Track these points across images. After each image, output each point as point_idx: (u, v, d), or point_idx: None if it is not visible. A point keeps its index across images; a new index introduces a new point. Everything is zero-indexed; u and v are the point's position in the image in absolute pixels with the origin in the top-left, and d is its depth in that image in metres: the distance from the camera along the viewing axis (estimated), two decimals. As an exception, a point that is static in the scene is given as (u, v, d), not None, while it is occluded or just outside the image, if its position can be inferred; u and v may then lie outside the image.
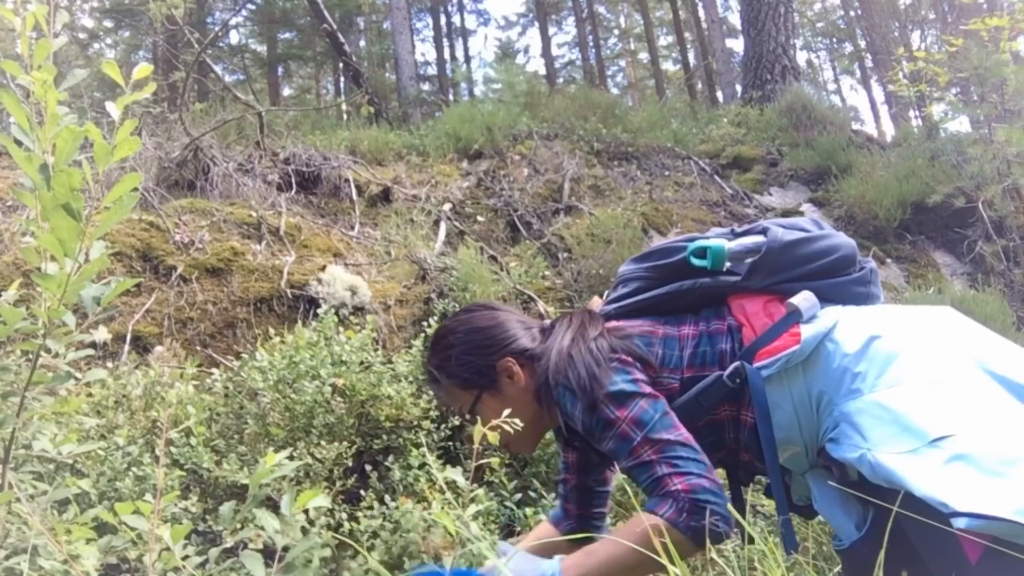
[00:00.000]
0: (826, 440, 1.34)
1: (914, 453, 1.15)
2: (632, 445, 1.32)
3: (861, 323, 1.38)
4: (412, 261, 4.17)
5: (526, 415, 1.49)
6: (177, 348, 3.20)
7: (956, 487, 1.07)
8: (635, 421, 1.33)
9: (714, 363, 1.44)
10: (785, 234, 1.49)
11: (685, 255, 1.52)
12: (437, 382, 1.61)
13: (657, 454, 1.30)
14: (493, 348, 1.55)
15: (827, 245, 1.51)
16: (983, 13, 6.64)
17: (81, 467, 2.13)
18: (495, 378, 1.54)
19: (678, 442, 1.31)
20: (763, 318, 1.44)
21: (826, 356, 1.36)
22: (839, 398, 1.32)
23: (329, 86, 17.86)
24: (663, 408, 1.36)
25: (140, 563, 1.80)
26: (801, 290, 1.45)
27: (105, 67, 1.16)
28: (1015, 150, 5.26)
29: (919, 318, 1.40)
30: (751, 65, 9.05)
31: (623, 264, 1.68)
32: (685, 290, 1.52)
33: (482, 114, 6.68)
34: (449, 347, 1.58)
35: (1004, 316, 4.19)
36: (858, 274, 1.54)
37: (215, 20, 13.71)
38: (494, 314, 1.61)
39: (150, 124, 5.39)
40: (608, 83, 21.08)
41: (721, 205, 6.29)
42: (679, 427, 1.34)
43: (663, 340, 1.48)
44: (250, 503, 1.21)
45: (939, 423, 1.16)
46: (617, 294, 1.63)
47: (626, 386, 1.37)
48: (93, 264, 1.18)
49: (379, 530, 2.26)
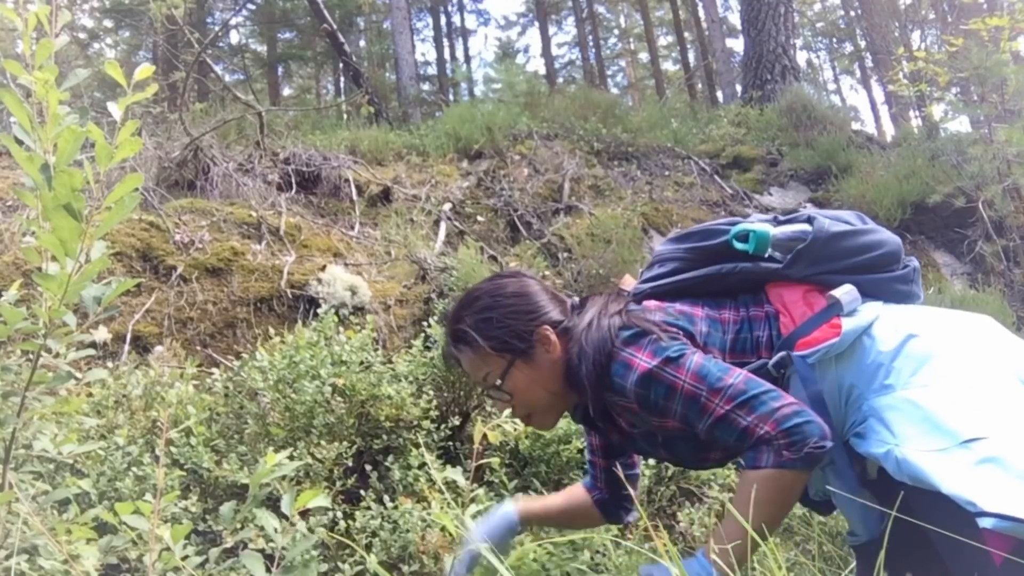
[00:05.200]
0: (851, 434, 1.34)
1: (944, 452, 1.14)
2: (701, 402, 1.30)
3: (900, 321, 1.37)
4: (412, 261, 4.17)
5: (554, 388, 1.49)
6: (177, 348, 3.20)
7: (985, 488, 1.07)
8: (696, 376, 1.31)
9: (753, 350, 1.42)
10: (832, 225, 1.47)
11: (727, 238, 1.49)
12: (468, 344, 1.51)
13: (729, 403, 1.28)
14: (533, 315, 1.51)
15: (873, 240, 1.50)
16: (983, 13, 6.65)
17: (81, 467, 2.13)
18: (532, 345, 1.49)
19: (742, 383, 1.29)
20: (803, 307, 1.42)
21: (861, 350, 1.35)
22: (870, 393, 1.31)
23: (329, 86, 17.85)
24: (714, 359, 1.35)
25: (140, 563, 1.80)
26: (842, 283, 1.43)
27: (107, 67, 1.16)
28: (1015, 150, 5.26)
29: (958, 322, 1.39)
30: (751, 65, 9.05)
31: (661, 244, 1.65)
32: (725, 273, 1.49)
33: (482, 114, 6.68)
34: (488, 308, 1.51)
35: (1004, 316, 4.19)
36: (901, 272, 1.53)
37: (215, 20, 13.71)
38: (527, 282, 1.57)
39: (150, 124, 5.39)
40: (608, 83, 21.08)
41: (721, 205, 6.29)
42: (734, 369, 1.32)
43: (705, 321, 1.45)
44: (250, 503, 1.21)
45: (971, 425, 1.16)
46: (653, 273, 1.59)
47: (677, 347, 1.35)
48: (94, 264, 1.18)
49: (378, 530, 2.26)
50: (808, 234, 1.45)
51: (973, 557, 1.12)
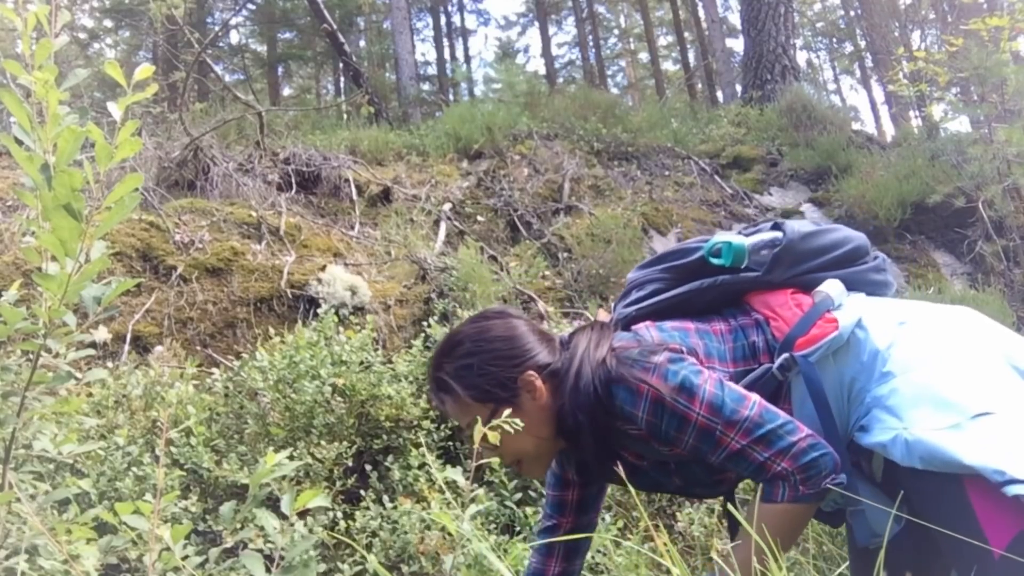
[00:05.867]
0: (855, 430, 1.33)
1: (956, 428, 1.14)
2: (716, 436, 1.27)
3: (888, 310, 1.39)
4: (412, 261, 4.17)
5: (543, 434, 1.43)
6: (177, 348, 3.20)
7: (1010, 456, 1.07)
8: (710, 408, 1.27)
9: (753, 356, 1.42)
10: (801, 226, 1.49)
11: (702, 254, 1.50)
12: (449, 393, 1.45)
13: (746, 437, 1.25)
14: (517, 360, 1.43)
15: (840, 236, 1.52)
16: (983, 13, 6.64)
17: (81, 467, 2.13)
18: (516, 392, 1.41)
19: (758, 415, 1.26)
20: (792, 309, 1.42)
21: (856, 343, 1.35)
22: (871, 384, 1.31)
23: (329, 86, 17.85)
24: (726, 384, 1.31)
25: (140, 563, 1.81)
26: (823, 280, 1.44)
27: (107, 68, 1.16)
28: (1015, 150, 5.26)
29: (942, 311, 1.40)
30: (751, 65, 9.06)
31: (631, 271, 1.63)
32: (706, 288, 1.49)
33: (482, 114, 6.68)
34: (468, 355, 1.44)
35: (1004, 316, 4.19)
36: (873, 263, 1.55)
37: (215, 20, 13.71)
38: (513, 323, 1.49)
39: (150, 124, 5.39)
40: (608, 83, 21.08)
41: (721, 205, 6.29)
42: (749, 396, 1.29)
43: (699, 334, 1.43)
44: (250, 503, 1.21)
45: (978, 400, 1.16)
46: (633, 298, 1.57)
47: (687, 372, 1.29)
48: (94, 264, 1.18)
49: (378, 530, 2.26)
50: (779, 239, 1.46)
51: (972, 550, 1.12)
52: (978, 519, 1.12)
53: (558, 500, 1.61)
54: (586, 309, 4.19)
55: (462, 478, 1.26)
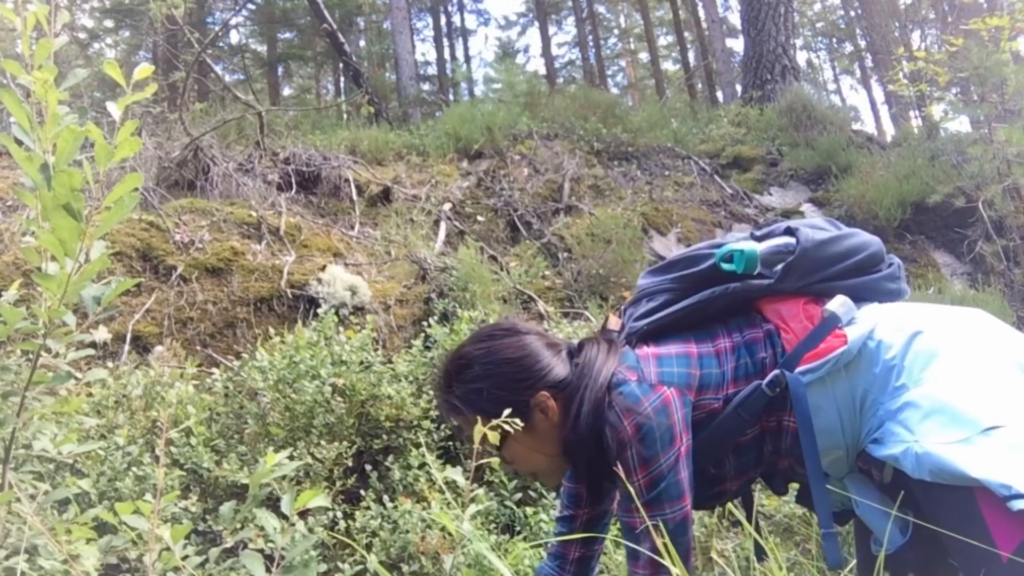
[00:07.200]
0: (868, 442, 1.33)
1: (966, 442, 1.15)
2: (631, 505, 1.31)
3: (901, 320, 1.37)
4: (412, 261, 4.17)
5: (555, 451, 1.44)
6: (177, 348, 3.20)
7: (1017, 471, 1.08)
8: (649, 482, 1.31)
9: (756, 373, 1.40)
10: (815, 233, 1.45)
11: (714, 261, 1.45)
12: (460, 414, 1.45)
13: (643, 525, 1.29)
14: (528, 382, 1.42)
15: (857, 243, 1.49)
16: (983, 13, 6.64)
17: (81, 467, 2.13)
18: (528, 413, 1.40)
19: (671, 520, 1.31)
20: (803, 321, 1.40)
21: (868, 355, 1.34)
22: (884, 396, 1.31)
23: (329, 86, 17.85)
24: (680, 468, 1.33)
25: (140, 563, 1.81)
26: (835, 289, 1.42)
27: (106, 67, 1.16)
28: (1015, 150, 5.26)
29: (956, 316, 1.39)
30: (751, 65, 9.05)
31: (640, 277, 1.61)
32: (717, 296, 1.46)
33: (482, 114, 6.68)
34: (477, 379, 1.42)
35: (1004, 316, 4.19)
36: (888, 271, 1.53)
37: (215, 20, 13.71)
38: (523, 341, 1.46)
39: (150, 124, 5.39)
40: (608, 83, 21.08)
41: (721, 205, 6.29)
42: (684, 497, 1.33)
43: (700, 360, 1.42)
44: (250, 503, 1.21)
45: (989, 414, 1.16)
46: (644, 309, 1.54)
47: (660, 435, 1.32)
48: (93, 264, 1.18)
49: (378, 530, 2.26)
50: (793, 246, 1.43)
51: (981, 555, 1.12)
52: (987, 526, 1.12)
53: (574, 492, 1.64)
54: (586, 309, 4.19)
55: (462, 478, 1.26)
